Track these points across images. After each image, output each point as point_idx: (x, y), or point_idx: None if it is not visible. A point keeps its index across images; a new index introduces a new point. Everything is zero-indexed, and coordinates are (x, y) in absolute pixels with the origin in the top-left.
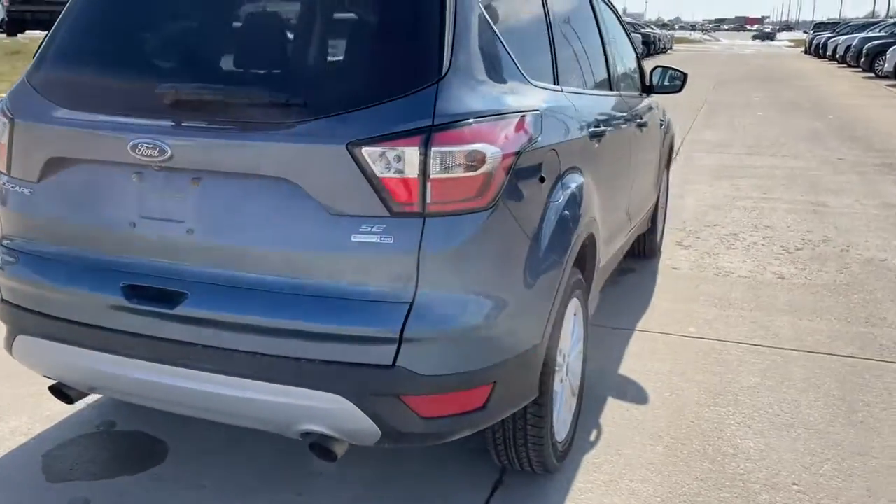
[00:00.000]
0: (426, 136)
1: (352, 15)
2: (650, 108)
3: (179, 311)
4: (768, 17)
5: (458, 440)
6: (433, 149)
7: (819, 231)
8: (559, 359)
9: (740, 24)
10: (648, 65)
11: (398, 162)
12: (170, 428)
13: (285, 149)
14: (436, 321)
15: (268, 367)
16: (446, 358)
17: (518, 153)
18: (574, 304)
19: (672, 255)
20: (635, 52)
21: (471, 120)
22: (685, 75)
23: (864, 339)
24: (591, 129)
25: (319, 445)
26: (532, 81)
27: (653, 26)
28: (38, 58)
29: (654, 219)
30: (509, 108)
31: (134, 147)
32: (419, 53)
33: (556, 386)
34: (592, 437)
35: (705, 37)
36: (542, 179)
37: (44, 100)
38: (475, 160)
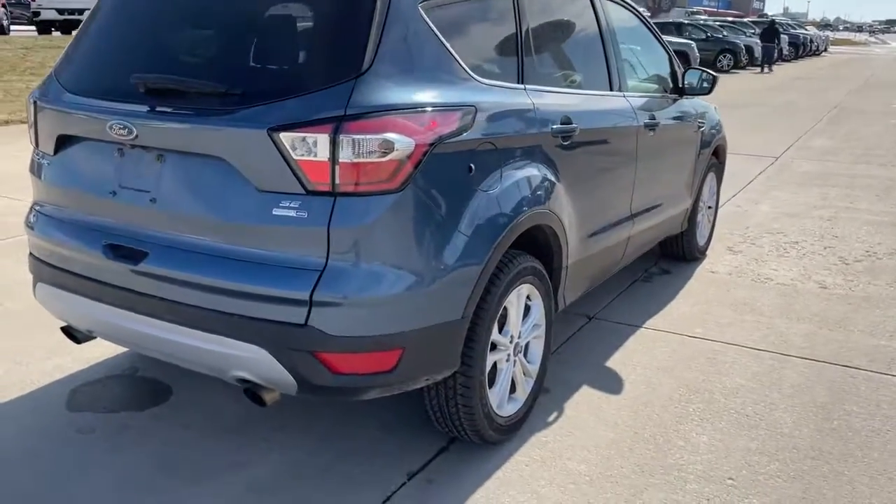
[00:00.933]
0: (337, 125)
1: (289, 14)
2: (678, 110)
3: (142, 267)
4: None
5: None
6: (342, 136)
7: (889, 244)
8: (503, 339)
9: None
10: (792, 69)
11: (312, 147)
12: (179, 377)
13: (222, 132)
14: (344, 288)
15: (207, 319)
16: (354, 321)
17: (433, 143)
18: (525, 290)
19: (716, 260)
20: (668, 54)
21: (382, 112)
22: (715, 78)
23: (879, 352)
24: (559, 126)
25: (252, 392)
26: (478, 79)
27: (809, 27)
28: (64, 53)
29: (692, 222)
30: (431, 103)
31: (111, 127)
32: (342, 51)
33: (502, 364)
34: (550, 418)
35: (871, 39)
36: (470, 169)
37: (59, 86)
38: (384, 148)
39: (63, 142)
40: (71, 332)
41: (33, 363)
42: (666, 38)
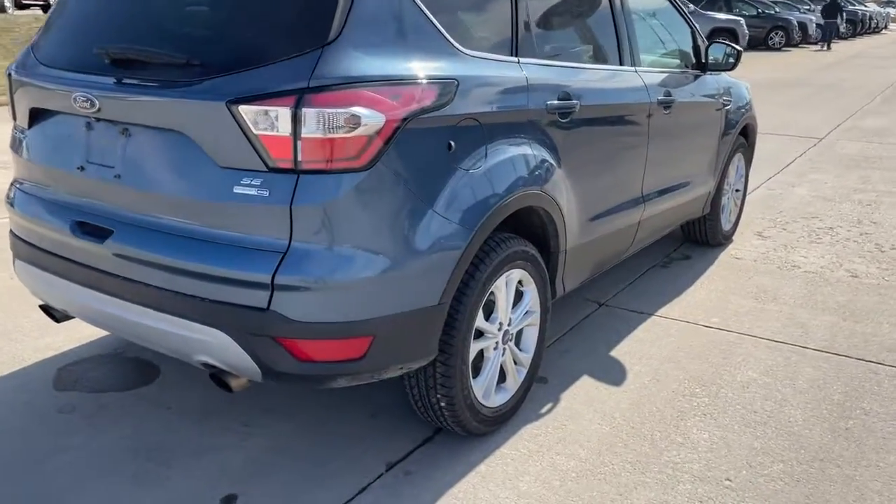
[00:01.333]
0: (299, 97)
1: None
2: (700, 87)
3: (107, 245)
4: None
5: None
6: (305, 110)
7: None
8: (490, 327)
9: None
10: (849, 47)
11: (273, 121)
12: (168, 357)
13: (181, 105)
14: (308, 271)
15: (170, 301)
16: (320, 307)
17: (407, 119)
18: (516, 275)
19: (742, 245)
20: (690, 26)
21: (350, 84)
22: (739, 52)
23: None
24: (556, 103)
25: (218, 377)
26: (463, 50)
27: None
28: (43, 25)
29: (715, 205)
30: (405, 76)
31: (75, 100)
32: (308, 18)
33: (489, 353)
34: (544, 409)
35: None
36: (449, 146)
37: (34, 59)
38: (350, 123)
39: (36, 115)
40: (49, 311)
41: (27, 340)
42: (713, 14)
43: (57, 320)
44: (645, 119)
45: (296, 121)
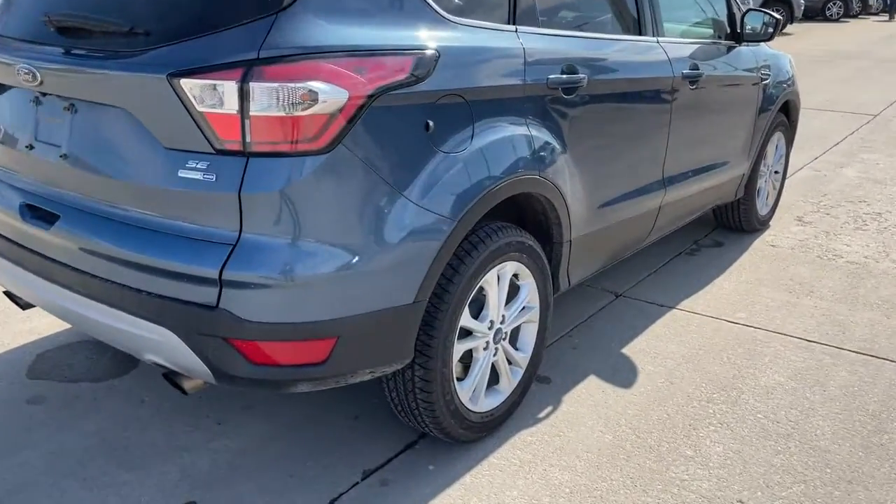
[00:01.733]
0: (247, 70)
1: None
2: (733, 59)
3: (53, 231)
4: None
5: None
6: (253, 84)
7: None
8: (479, 325)
9: None
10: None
11: (218, 96)
12: None
13: (123, 78)
14: (260, 266)
15: (116, 295)
16: (275, 305)
17: (374, 95)
18: (510, 268)
19: (780, 232)
20: None
21: (307, 55)
22: (778, 21)
23: None
24: (559, 77)
25: (170, 377)
26: (449, 18)
27: None
28: None
29: (750, 189)
30: (373, 46)
31: (17, 71)
32: None
33: (478, 353)
34: (543, 414)
35: None
36: (427, 126)
37: None
38: (306, 99)
39: None
40: (13, 298)
41: (11, 325)
42: None
43: (22, 307)
44: (667, 95)
45: (243, 96)
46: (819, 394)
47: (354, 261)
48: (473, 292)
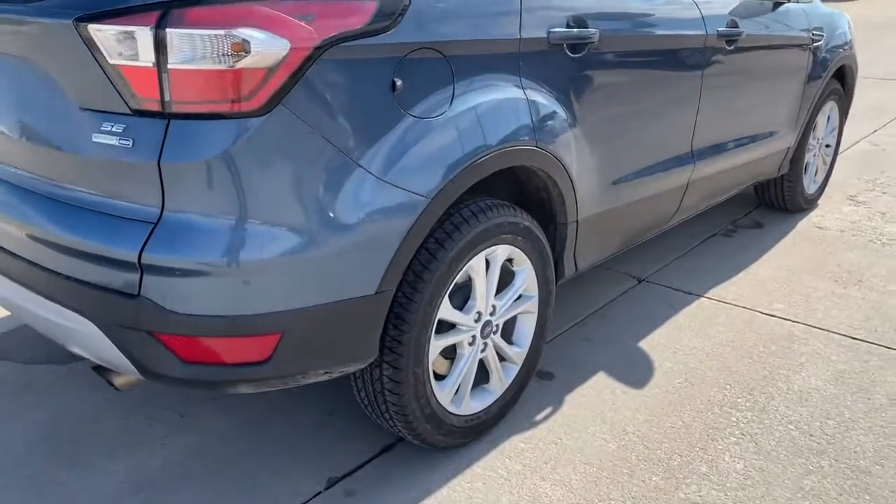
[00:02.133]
0: (163, 13)
1: None
2: (780, 17)
3: None
4: None
5: None
6: (171, 31)
7: None
8: (464, 317)
9: None
10: None
11: (132, 45)
12: None
13: (31, 26)
14: (186, 249)
15: (36, 277)
16: (204, 295)
17: (324, 46)
18: (502, 252)
19: (829, 212)
20: None
21: None
22: None
23: None
24: (564, 31)
25: (100, 371)
26: None
27: None
28: None
29: (796, 163)
30: None
31: None
32: None
33: (463, 349)
34: (540, 416)
35: None
36: (394, 85)
37: None
38: (237, 49)
39: None
40: None
41: None
42: None
43: None
44: (698, 56)
45: (160, 46)
46: (862, 402)
47: (299, 245)
48: (455, 281)
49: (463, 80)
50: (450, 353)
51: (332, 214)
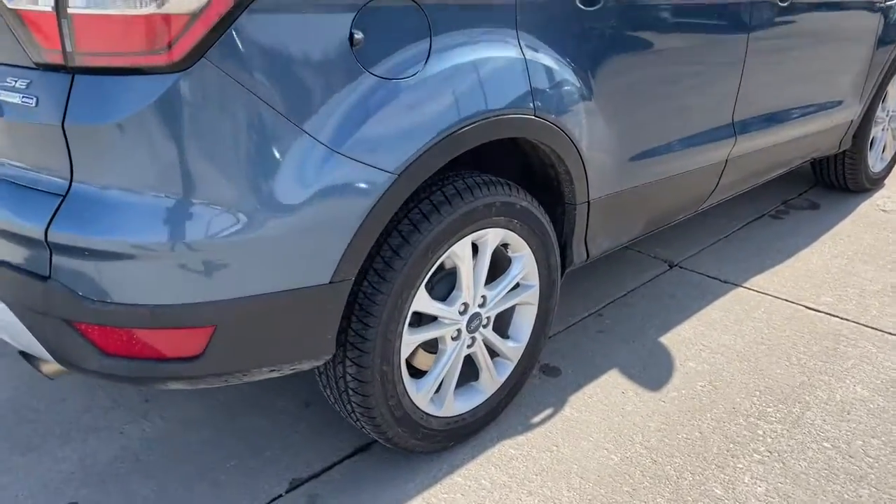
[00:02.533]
0: None
1: None
2: None
3: None
4: None
5: None
6: None
7: None
8: (448, 309)
9: None
10: None
11: None
12: None
13: None
14: (98, 226)
15: None
16: (123, 281)
17: None
18: (493, 237)
19: (895, 193)
20: None
21: None
22: None
23: None
24: None
25: (25, 355)
26: None
27: None
28: None
29: (860, 138)
30: None
31: None
32: None
33: (446, 344)
34: (538, 418)
35: None
36: (352, 39)
37: None
38: None
39: None
40: None
41: None
42: None
43: None
44: (743, 13)
45: None
46: None
47: (232, 225)
48: (437, 268)
49: (443, 34)
50: (435, 348)
51: (271, 190)
